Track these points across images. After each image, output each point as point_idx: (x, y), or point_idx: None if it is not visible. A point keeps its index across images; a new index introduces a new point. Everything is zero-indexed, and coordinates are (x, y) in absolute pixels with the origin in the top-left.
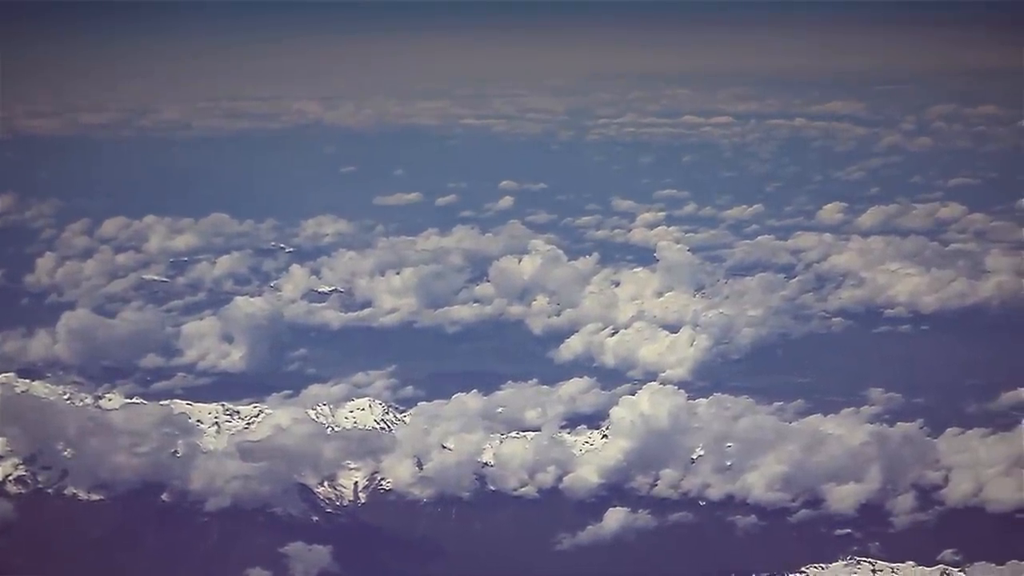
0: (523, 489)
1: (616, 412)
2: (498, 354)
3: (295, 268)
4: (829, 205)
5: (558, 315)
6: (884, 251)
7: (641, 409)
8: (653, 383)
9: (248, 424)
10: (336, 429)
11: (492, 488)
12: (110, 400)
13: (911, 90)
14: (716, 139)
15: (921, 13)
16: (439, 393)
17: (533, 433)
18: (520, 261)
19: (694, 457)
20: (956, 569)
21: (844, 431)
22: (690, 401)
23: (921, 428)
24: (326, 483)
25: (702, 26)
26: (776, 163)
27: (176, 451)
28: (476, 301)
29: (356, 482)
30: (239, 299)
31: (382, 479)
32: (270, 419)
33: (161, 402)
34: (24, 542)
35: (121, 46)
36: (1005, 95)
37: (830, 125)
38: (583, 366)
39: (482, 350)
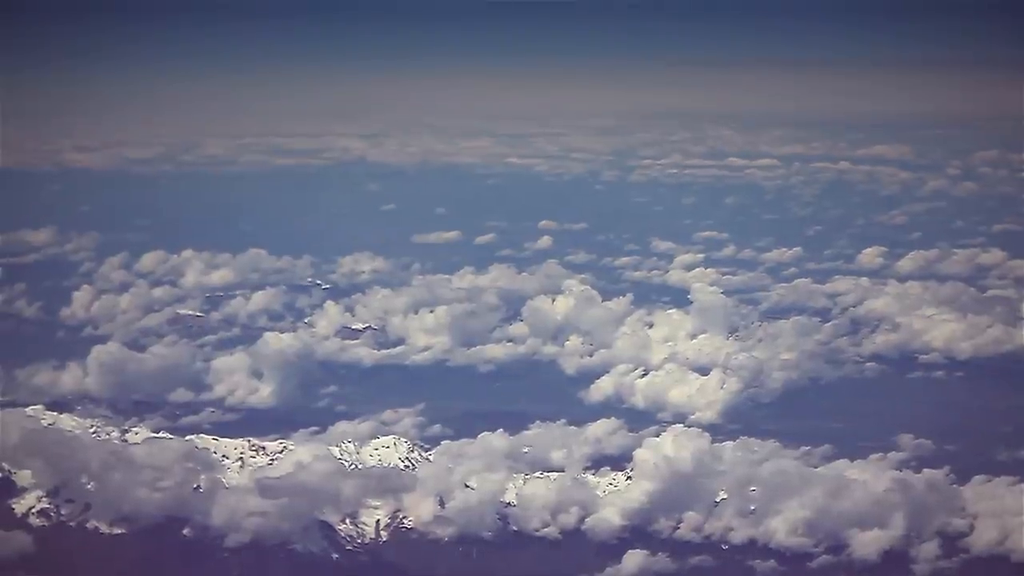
0: (545, 530)
1: (640, 454)
2: (529, 394)
3: (329, 305)
4: (869, 249)
5: (591, 355)
6: (921, 296)
7: (665, 451)
8: (678, 425)
9: (272, 460)
10: (359, 467)
11: (514, 528)
12: (136, 434)
13: (958, 135)
14: (759, 181)
15: (970, 57)
16: (467, 432)
17: (557, 473)
18: (554, 301)
19: (717, 500)
20: None
21: (870, 477)
22: (715, 444)
23: (948, 475)
24: (348, 520)
25: (749, 67)
26: (818, 206)
27: (199, 486)
28: (510, 340)
29: (378, 520)
30: (269, 335)
31: (404, 517)
32: (292, 455)
33: (187, 437)
34: (45, 575)
35: (169, 81)
36: None
37: (874, 169)
38: (612, 407)
39: (513, 390)
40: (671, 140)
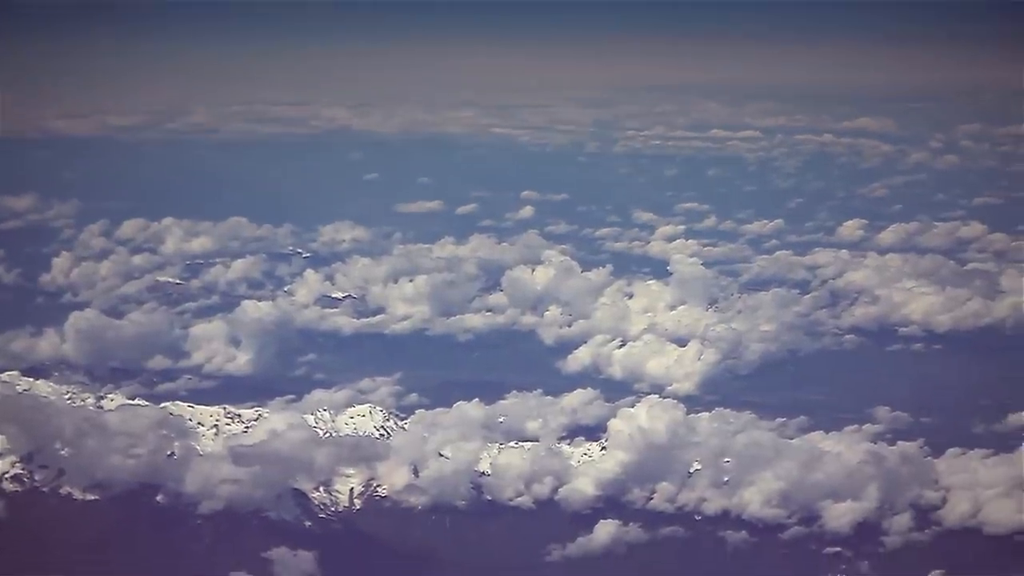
0: (519, 499)
1: (614, 424)
2: (507, 364)
3: (309, 273)
4: (850, 222)
5: (569, 326)
6: (901, 269)
7: (639, 422)
8: (653, 396)
9: (247, 428)
10: (334, 435)
11: (488, 497)
12: (112, 401)
13: (941, 108)
14: (742, 153)
15: (955, 30)
16: (444, 401)
17: (531, 443)
18: (534, 271)
19: (691, 471)
20: None
21: (844, 449)
22: (690, 415)
23: (922, 448)
24: (321, 488)
25: (734, 39)
26: (800, 178)
27: (173, 453)
28: (489, 310)
29: (352, 488)
30: (247, 303)
31: (378, 486)
32: (266, 423)
33: (162, 404)
34: (18, 540)
35: (155, 49)
36: None
37: (857, 141)
38: (590, 377)
39: (492, 359)
40: (655, 112)
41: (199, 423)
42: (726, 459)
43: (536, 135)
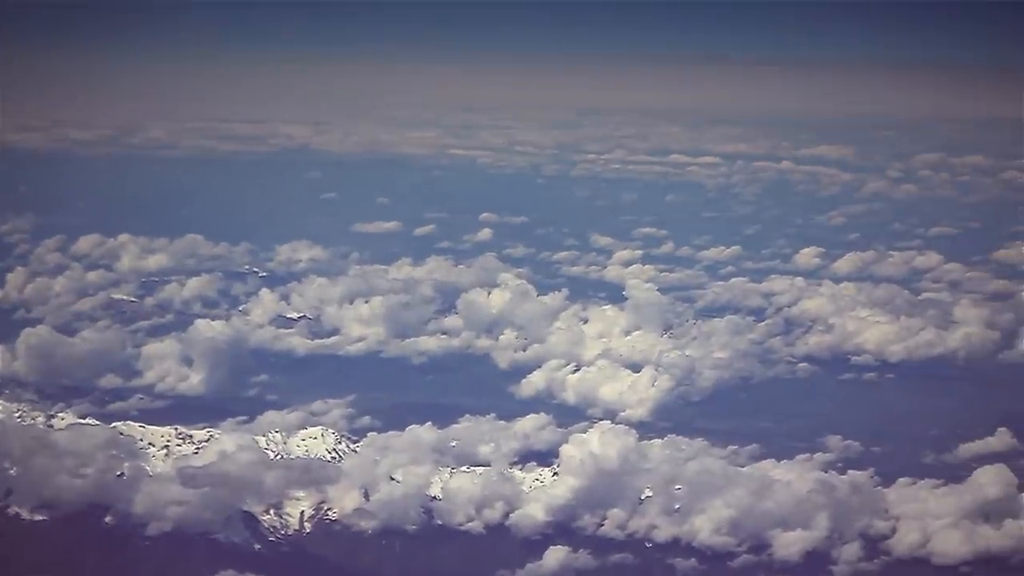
0: (469, 524)
1: (567, 450)
2: (461, 387)
3: (264, 293)
4: (806, 250)
5: (524, 350)
6: (855, 298)
7: (591, 448)
8: (605, 422)
9: (198, 449)
10: (285, 457)
11: (438, 522)
12: (63, 419)
13: (900, 137)
14: (701, 179)
15: (915, 60)
16: (397, 424)
17: (483, 468)
18: (489, 294)
19: (642, 498)
20: None
21: (795, 477)
22: (642, 442)
23: (872, 477)
24: (271, 511)
25: (696, 65)
26: (759, 205)
27: (122, 474)
28: (444, 333)
29: (302, 511)
30: (200, 322)
31: (328, 509)
32: (217, 444)
33: (113, 424)
34: None
35: (117, 63)
36: (993, 145)
37: (816, 169)
38: (543, 402)
39: (445, 383)
40: (616, 135)
41: (150, 443)
42: (677, 486)
43: (496, 156)
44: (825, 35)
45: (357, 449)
